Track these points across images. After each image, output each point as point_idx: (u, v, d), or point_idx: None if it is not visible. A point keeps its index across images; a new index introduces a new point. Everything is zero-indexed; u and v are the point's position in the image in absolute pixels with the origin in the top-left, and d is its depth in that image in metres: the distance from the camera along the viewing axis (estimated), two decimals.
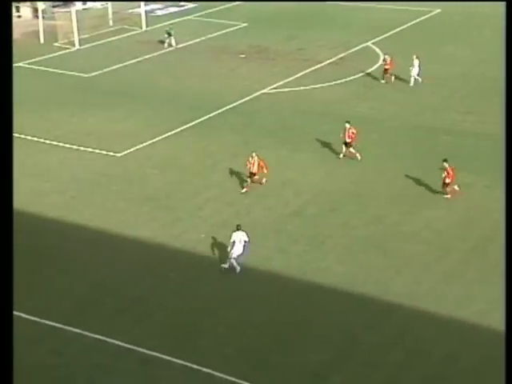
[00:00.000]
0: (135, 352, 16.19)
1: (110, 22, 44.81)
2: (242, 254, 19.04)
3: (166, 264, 19.68)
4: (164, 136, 28.04)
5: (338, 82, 34.18)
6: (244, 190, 23.19)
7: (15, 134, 27.61)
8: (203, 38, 42.15)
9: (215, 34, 43.03)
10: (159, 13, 49.08)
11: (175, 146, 27.24)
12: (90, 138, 27.96)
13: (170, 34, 40.12)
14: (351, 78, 34.61)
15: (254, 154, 23.06)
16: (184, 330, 17.00)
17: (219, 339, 16.67)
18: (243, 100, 31.90)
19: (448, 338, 16.58)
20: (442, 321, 17.08)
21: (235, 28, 44.64)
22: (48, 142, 27.47)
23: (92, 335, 16.67)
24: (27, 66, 37.21)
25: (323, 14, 48.10)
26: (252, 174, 23.14)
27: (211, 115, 30.19)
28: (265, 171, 23.14)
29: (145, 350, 16.21)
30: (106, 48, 40.37)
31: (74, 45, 40.42)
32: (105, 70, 36.32)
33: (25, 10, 47.23)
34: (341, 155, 25.62)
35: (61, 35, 41.10)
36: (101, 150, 26.85)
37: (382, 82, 33.53)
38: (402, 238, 20.71)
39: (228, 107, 31.13)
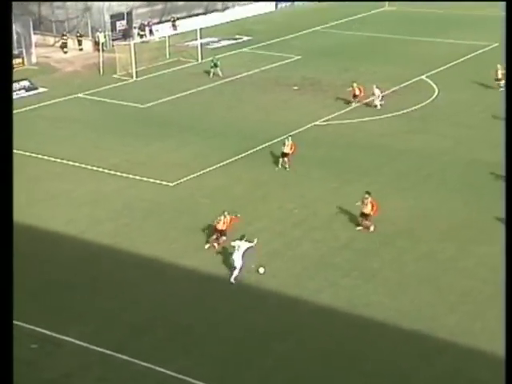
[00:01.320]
0: (183, 381, 16.20)
1: (167, 55, 45.98)
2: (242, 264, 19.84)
3: (216, 293, 19.74)
4: (215, 166, 28.35)
5: (390, 115, 34.01)
6: (207, 246, 21.59)
7: (70, 162, 28.56)
8: (257, 70, 42.71)
9: (269, 67, 43.56)
10: (215, 45, 50.05)
11: (226, 176, 27.50)
12: (143, 167, 28.51)
13: (216, 65, 40.81)
14: (404, 111, 34.41)
15: (225, 213, 21.70)
16: (233, 360, 16.95)
17: (268, 371, 16.53)
18: (295, 132, 32.00)
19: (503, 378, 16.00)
20: (497, 360, 16.54)
21: (289, 60, 45.08)
22: (103, 170, 28.14)
23: (141, 363, 16.78)
24: (87, 96, 38.40)
25: (377, 47, 48.16)
26: (219, 231, 21.62)
27: (262, 146, 30.39)
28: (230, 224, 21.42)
29: (193, 380, 16.20)
30: (161, 79, 41.34)
31: (131, 76, 41.55)
32: (160, 101, 37.15)
33: (86, 44, 49.07)
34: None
35: (119, 67, 42.35)
36: (154, 179, 27.33)
37: (354, 105, 34.13)
38: (456, 274, 20.26)
39: (280, 139, 31.25)
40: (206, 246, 21.97)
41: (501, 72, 31.72)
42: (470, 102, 35.62)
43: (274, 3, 62.99)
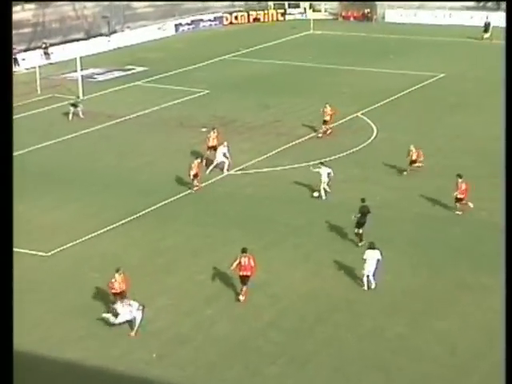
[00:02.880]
0: None
1: (38, 90, 45.79)
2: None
3: None
4: (106, 229, 28.20)
5: (322, 160, 35.04)
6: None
7: None
8: (155, 108, 43.22)
9: (170, 103, 44.19)
10: (100, 78, 50.37)
11: (120, 241, 27.42)
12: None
13: (75, 106, 40.84)
14: (337, 156, 35.58)
15: (116, 275, 22.77)
16: None
17: None
18: (204, 184, 32.42)
19: None
20: None
21: (195, 96, 45.93)
22: None
23: None
24: None
25: (301, 78, 49.90)
26: (118, 294, 22.67)
27: (165, 203, 30.58)
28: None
29: None
30: (32, 121, 41.04)
31: None
32: (31, 148, 36.82)
33: None
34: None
35: None
36: (24, 248, 26.82)
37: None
38: (407, 356, 20.83)
39: (186, 193, 31.58)
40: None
41: (415, 153, 33.33)
42: (415, 143, 37.23)
43: (173, 26, 64.32)
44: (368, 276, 23.88)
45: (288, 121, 40.40)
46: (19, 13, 56.15)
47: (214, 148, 33.67)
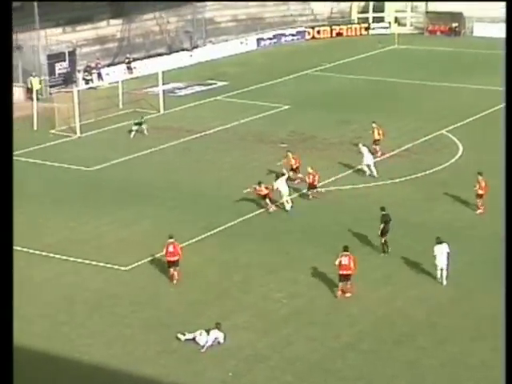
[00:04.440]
0: None
1: (120, 104, 46.85)
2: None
3: None
4: (182, 245, 28.41)
5: (403, 179, 34.75)
6: None
7: None
8: (234, 124, 43.60)
9: (249, 119, 44.51)
10: (181, 92, 51.16)
11: (196, 257, 27.63)
12: (88, 246, 28.63)
13: (139, 124, 41.35)
14: (420, 174, 35.16)
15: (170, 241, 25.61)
16: None
17: None
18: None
19: None
20: None
21: (274, 111, 46.13)
22: (36, 252, 28.16)
23: None
24: (16, 158, 38.54)
25: (384, 94, 49.55)
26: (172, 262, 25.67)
27: (242, 219, 30.76)
28: None
29: None
30: (113, 135, 41.97)
31: (74, 132, 42.15)
32: (111, 163, 37.63)
33: (15, 91, 49.19)
34: None
35: (59, 121, 42.89)
36: (102, 262, 27.41)
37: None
38: None
39: (263, 210, 31.71)
40: None
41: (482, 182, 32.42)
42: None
43: (255, 40, 64.90)
44: (442, 269, 25.04)
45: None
46: (105, 28, 57.88)
47: (296, 169, 33.71)
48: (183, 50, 60.11)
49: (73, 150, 39.91)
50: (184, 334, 22.27)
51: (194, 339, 22.05)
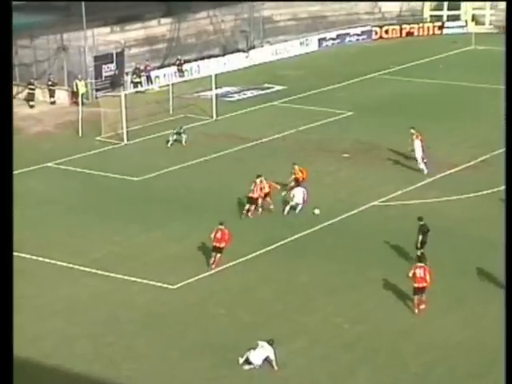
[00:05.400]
0: None
1: (170, 110, 47.47)
2: None
3: None
4: (235, 262, 28.79)
5: (480, 193, 34.48)
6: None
7: (35, 257, 29.20)
8: (292, 131, 43.79)
9: (308, 126, 44.64)
10: (235, 97, 51.59)
11: (250, 275, 27.91)
12: (135, 262, 29.05)
13: (179, 134, 41.73)
14: (499, 188, 34.81)
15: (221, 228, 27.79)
16: None
17: None
18: (345, 215, 32.52)
19: None
20: None
21: (336, 118, 46.20)
22: (81, 268, 28.65)
23: None
24: (60, 166, 39.48)
25: (459, 100, 49.22)
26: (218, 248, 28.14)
27: (301, 235, 30.91)
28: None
29: None
30: (162, 143, 42.51)
31: (121, 139, 42.80)
32: (160, 172, 38.13)
33: (60, 95, 50.23)
34: None
35: (105, 127, 43.53)
36: (150, 279, 27.78)
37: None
38: None
39: (325, 224, 31.78)
40: None
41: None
42: None
43: (316, 40, 65.08)
44: None
45: (441, 147, 39.91)
46: (155, 27, 58.70)
47: (265, 196, 32.77)
48: (238, 51, 60.59)
49: (120, 158, 40.52)
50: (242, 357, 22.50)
51: (247, 360, 22.20)
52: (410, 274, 25.03)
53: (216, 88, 47.68)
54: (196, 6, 60.01)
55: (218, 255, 28.26)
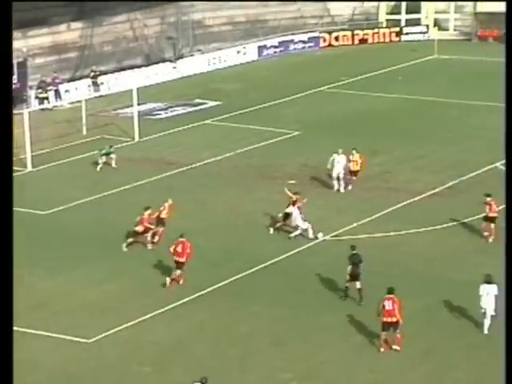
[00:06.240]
0: None
1: (84, 130, 47.15)
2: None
3: None
4: (165, 309, 28.60)
5: (446, 225, 34.89)
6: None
7: None
8: (229, 155, 43.87)
9: (247, 148, 44.79)
10: (161, 115, 51.51)
11: (181, 326, 27.68)
12: (43, 312, 28.62)
13: (107, 154, 41.92)
14: (469, 219, 35.28)
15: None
16: None
17: None
18: (292, 252, 32.61)
19: None
20: None
21: (280, 138, 46.44)
22: None
23: None
24: None
25: (421, 117, 49.91)
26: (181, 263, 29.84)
27: (239, 276, 30.86)
28: None
29: None
30: (75, 169, 42.18)
31: (25, 165, 42.36)
32: (72, 204, 37.80)
33: None
34: None
35: None
36: (60, 332, 27.35)
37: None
38: None
39: (267, 263, 31.79)
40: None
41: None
42: None
43: (255, 48, 65.38)
44: (485, 314, 26.32)
45: (401, 172, 40.33)
46: (63, 33, 58.08)
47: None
48: (164, 60, 60.64)
49: (23, 188, 39.93)
50: None
51: None
52: (380, 307, 25.51)
53: (138, 104, 47.58)
54: (113, 8, 59.67)
55: (178, 272, 29.76)
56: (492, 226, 33.19)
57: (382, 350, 25.58)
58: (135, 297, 29.45)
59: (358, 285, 28.68)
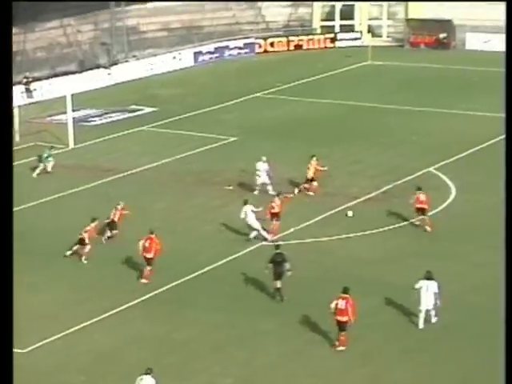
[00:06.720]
0: None
1: (17, 137, 46.56)
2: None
3: None
4: (100, 317, 28.32)
5: (382, 229, 35.07)
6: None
7: None
8: (167, 160, 43.67)
9: (185, 154, 44.64)
10: (96, 121, 51.12)
11: (118, 334, 27.44)
12: None
13: (47, 158, 41.60)
14: (404, 223, 35.52)
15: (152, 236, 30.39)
16: None
17: None
18: (230, 258, 32.51)
19: None
20: None
21: (218, 144, 46.39)
22: None
23: None
24: None
25: (356, 122, 50.23)
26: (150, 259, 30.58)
27: (177, 283, 30.69)
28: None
29: None
30: None
31: None
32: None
33: None
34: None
35: None
36: None
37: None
38: None
39: (205, 270, 31.65)
40: None
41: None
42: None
43: (191, 54, 65.32)
44: (427, 310, 26.64)
45: (338, 177, 40.49)
46: None
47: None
48: (99, 66, 60.26)
49: None
50: None
51: None
52: (332, 305, 25.71)
53: (73, 111, 47.18)
54: (46, 13, 59.12)
55: (148, 268, 30.38)
56: (423, 217, 34.39)
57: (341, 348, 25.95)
58: (72, 305, 29.15)
59: (278, 284, 28.96)
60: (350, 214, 35.84)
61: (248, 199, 34.34)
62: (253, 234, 33.77)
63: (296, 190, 38.36)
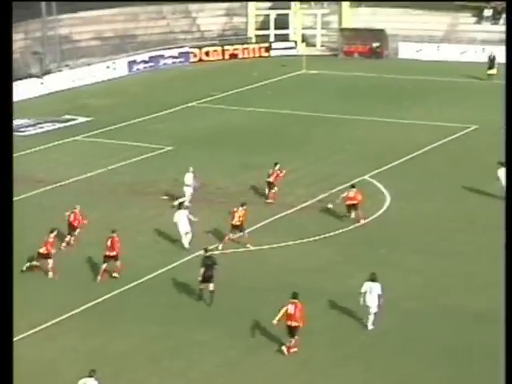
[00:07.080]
0: None
1: None
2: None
3: None
4: (32, 331, 28.01)
5: (318, 237, 35.15)
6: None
7: None
8: (101, 171, 43.40)
9: (119, 165, 44.42)
10: (28, 131, 50.62)
11: (51, 347, 27.19)
12: None
13: None
14: (339, 231, 35.64)
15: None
16: None
17: None
18: (166, 268, 32.36)
19: None
20: None
21: (153, 154, 46.21)
22: None
23: None
24: None
25: (292, 131, 50.39)
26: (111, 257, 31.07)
27: (111, 295, 30.47)
28: None
29: None
30: None
31: None
32: None
33: None
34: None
35: None
36: None
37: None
38: None
39: (141, 280, 31.48)
40: None
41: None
42: (442, 215, 37.38)
43: (125, 64, 65.05)
44: (374, 312, 27.26)
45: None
46: None
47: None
48: (31, 76, 59.69)
49: None
50: None
51: None
52: (282, 311, 25.82)
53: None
54: None
55: (104, 265, 31.25)
56: (356, 211, 35.97)
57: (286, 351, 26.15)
58: None
59: (211, 287, 29.20)
60: (329, 206, 36.88)
61: (183, 203, 34.56)
62: (187, 242, 33.67)
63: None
